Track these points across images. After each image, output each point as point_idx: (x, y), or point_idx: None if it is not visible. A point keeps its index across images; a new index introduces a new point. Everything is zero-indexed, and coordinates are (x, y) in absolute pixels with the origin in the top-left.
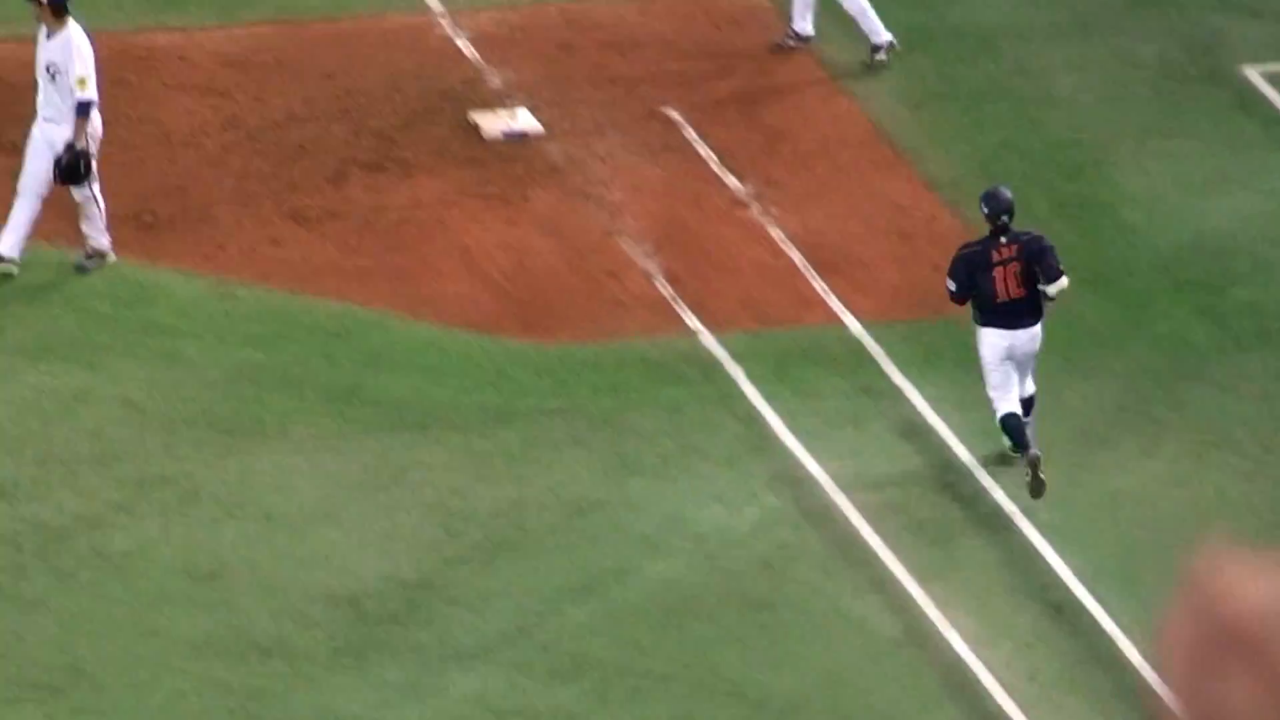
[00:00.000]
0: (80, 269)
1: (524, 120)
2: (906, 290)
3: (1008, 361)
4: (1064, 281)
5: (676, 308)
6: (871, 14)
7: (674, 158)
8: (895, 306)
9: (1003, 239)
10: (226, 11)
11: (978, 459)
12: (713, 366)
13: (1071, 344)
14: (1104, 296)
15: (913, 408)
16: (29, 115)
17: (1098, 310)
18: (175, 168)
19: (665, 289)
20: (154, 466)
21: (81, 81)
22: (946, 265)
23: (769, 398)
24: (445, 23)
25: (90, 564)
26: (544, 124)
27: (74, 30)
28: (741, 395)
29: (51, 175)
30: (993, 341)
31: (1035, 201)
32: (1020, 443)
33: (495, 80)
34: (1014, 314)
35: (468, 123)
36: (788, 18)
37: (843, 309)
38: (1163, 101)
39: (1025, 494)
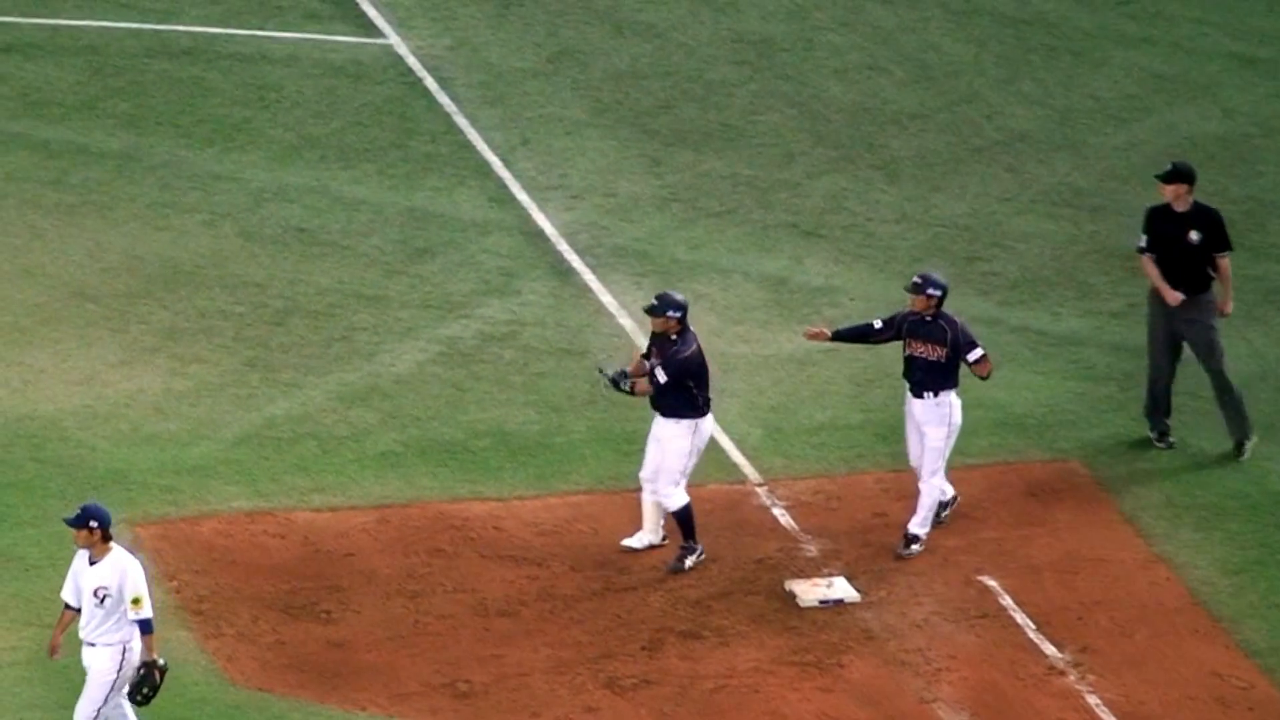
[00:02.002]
0: None
1: (840, 588)
2: None
3: None
4: None
5: None
6: (929, 509)
7: (990, 625)
8: None
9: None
10: (542, 481)
11: None
12: None
13: None
14: None
15: None
16: (345, 585)
17: None
18: (490, 636)
19: None
20: None
21: (137, 602)
22: None
23: None
24: (762, 491)
25: None
26: (860, 592)
27: (120, 553)
28: None
29: (127, 698)
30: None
31: None
32: (694, 534)
33: (811, 549)
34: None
35: (784, 590)
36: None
37: None
38: None
39: None
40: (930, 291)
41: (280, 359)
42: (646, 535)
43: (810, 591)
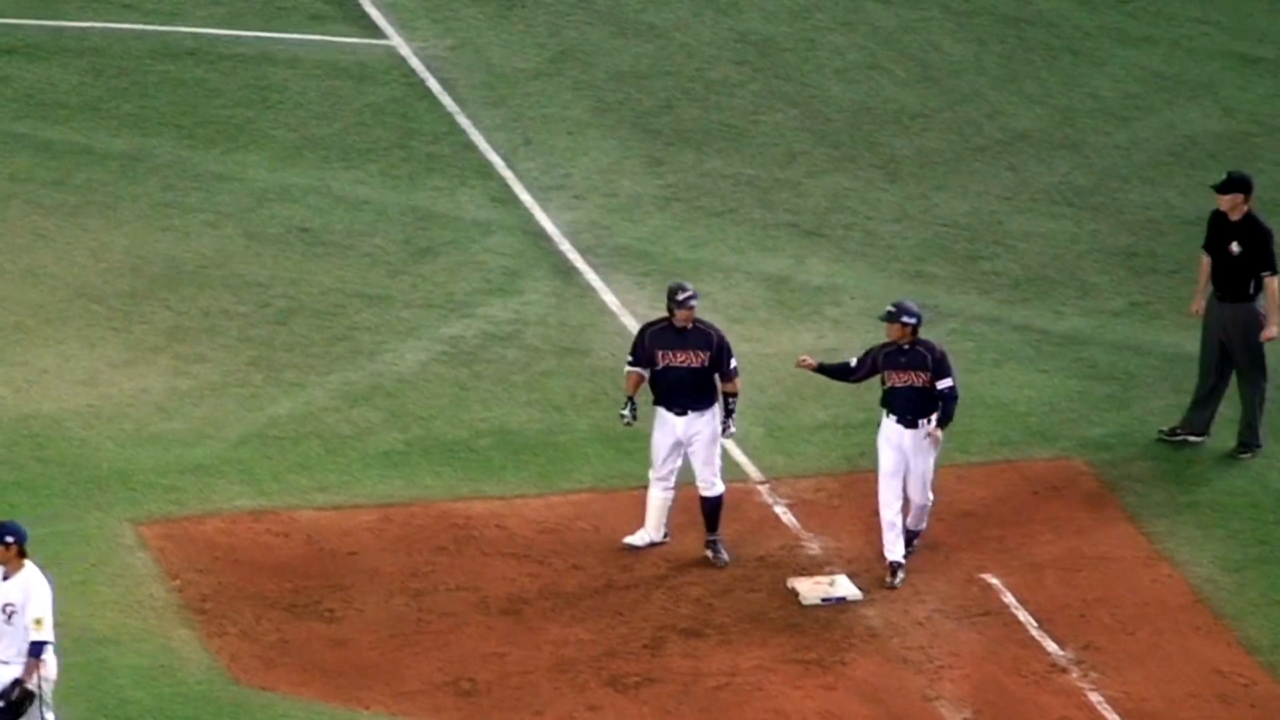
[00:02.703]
0: None
1: (843, 586)
2: None
3: None
4: None
5: None
6: (925, 510)
7: (992, 622)
8: None
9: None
10: (544, 480)
11: None
12: None
13: None
14: None
15: None
16: (348, 584)
17: None
18: (493, 634)
19: None
20: None
21: (38, 622)
22: None
23: None
24: (764, 489)
25: None
26: (862, 590)
27: (32, 571)
28: None
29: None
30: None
31: None
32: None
33: (814, 546)
34: None
35: (786, 589)
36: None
37: None
38: None
39: None
40: (905, 320)
41: (283, 358)
42: (649, 533)
43: (812, 589)
